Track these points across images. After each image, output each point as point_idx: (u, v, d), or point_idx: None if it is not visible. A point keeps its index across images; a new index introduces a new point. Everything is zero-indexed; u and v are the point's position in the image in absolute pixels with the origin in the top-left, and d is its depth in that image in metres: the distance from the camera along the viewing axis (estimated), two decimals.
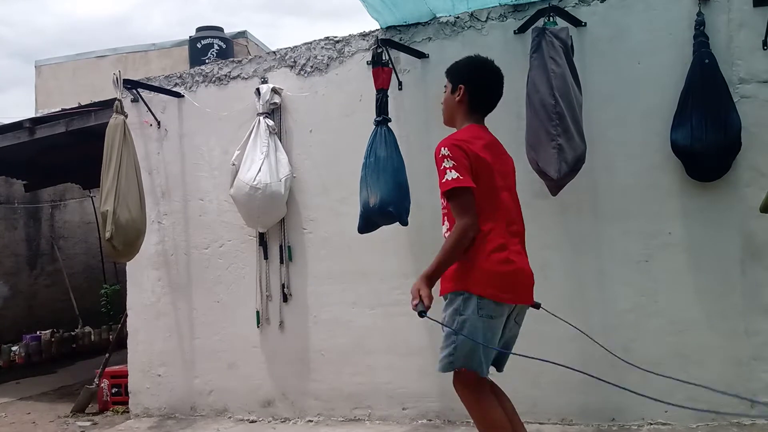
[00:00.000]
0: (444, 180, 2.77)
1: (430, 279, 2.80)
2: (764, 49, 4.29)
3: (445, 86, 3.08)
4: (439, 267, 2.81)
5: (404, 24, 5.10)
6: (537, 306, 3.11)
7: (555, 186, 4.24)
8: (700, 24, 4.30)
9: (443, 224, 3.11)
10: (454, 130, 3.16)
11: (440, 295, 2.90)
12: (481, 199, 2.82)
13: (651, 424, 4.44)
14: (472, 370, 2.93)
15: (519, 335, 3.29)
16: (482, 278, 2.81)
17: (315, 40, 5.46)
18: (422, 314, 2.79)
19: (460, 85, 2.98)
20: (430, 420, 4.94)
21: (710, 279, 4.38)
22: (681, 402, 4.36)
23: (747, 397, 4.21)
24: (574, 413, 4.60)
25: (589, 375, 2.89)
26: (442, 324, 2.92)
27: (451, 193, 2.77)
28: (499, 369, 3.23)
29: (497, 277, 2.84)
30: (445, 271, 2.86)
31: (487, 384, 3.07)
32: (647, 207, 4.48)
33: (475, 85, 2.98)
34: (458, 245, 2.77)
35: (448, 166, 2.76)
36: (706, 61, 4.21)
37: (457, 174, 2.73)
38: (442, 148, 2.82)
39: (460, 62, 3.10)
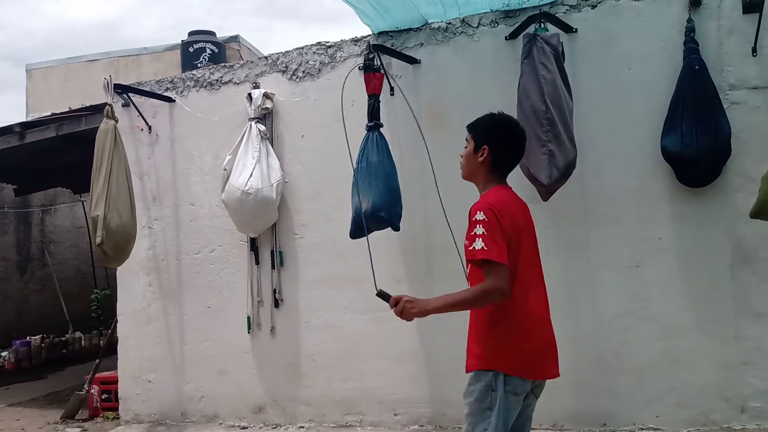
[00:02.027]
0: (472, 247, 2.65)
1: (434, 311, 2.73)
2: (754, 56, 4.32)
3: (466, 139, 2.98)
4: (447, 308, 2.73)
5: (396, 30, 5.11)
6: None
7: (546, 191, 4.24)
8: (690, 30, 4.33)
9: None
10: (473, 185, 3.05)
11: (467, 371, 2.80)
12: (513, 270, 2.71)
13: (642, 429, 4.45)
14: None
15: None
16: (513, 357, 2.72)
17: (307, 46, 5.46)
18: (379, 295, 2.78)
19: (484, 146, 2.89)
20: (422, 426, 4.93)
21: (700, 284, 4.39)
22: (670, 407, 4.40)
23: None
24: (566, 418, 4.60)
25: None
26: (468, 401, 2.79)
27: (478, 263, 2.66)
28: None
29: (527, 355, 2.76)
30: (449, 311, 2.79)
31: None
32: (638, 212, 4.50)
33: (500, 146, 2.90)
34: (478, 301, 2.67)
35: (479, 233, 2.64)
36: (696, 67, 4.24)
37: (484, 244, 2.61)
38: (478, 212, 2.68)
39: (485, 121, 3.00)
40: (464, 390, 2.80)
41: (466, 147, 2.98)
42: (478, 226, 2.66)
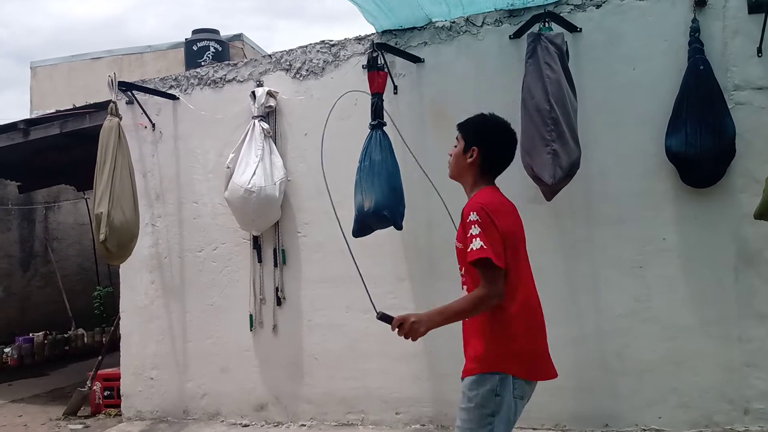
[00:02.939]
0: (470, 248, 2.61)
1: (436, 323, 2.66)
2: (759, 56, 4.30)
3: (456, 138, 2.93)
4: (447, 320, 2.67)
5: (400, 28, 5.10)
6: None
7: (550, 191, 4.23)
8: (695, 30, 4.32)
9: (462, 289, 2.94)
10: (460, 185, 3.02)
11: (464, 376, 2.74)
12: (511, 271, 2.69)
13: (644, 430, 4.44)
14: None
15: None
16: (515, 358, 2.68)
17: (311, 44, 5.46)
18: (380, 318, 2.69)
19: (474, 147, 2.83)
20: (423, 425, 4.93)
21: (704, 285, 4.38)
22: (673, 408, 4.39)
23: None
24: (568, 419, 4.59)
25: None
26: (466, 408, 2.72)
27: (477, 263, 2.62)
28: None
29: (528, 356, 2.73)
30: (449, 323, 2.72)
31: None
32: (641, 213, 4.49)
33: (490, 148, 2.85)
34: (475, 309, 2.64)
35: (475, 234, 2.61)
36: (701, 67, 4.22)
37: (482, 244, 2.58)
38: (472, 213, 2.65)
39: (476, 122, 2.94)
40: (460, 398, 2.72)
41: (455, 146, 2.93)
42: (473, 226, 2.63)
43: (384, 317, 2.68)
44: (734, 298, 4.32)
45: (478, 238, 2.60)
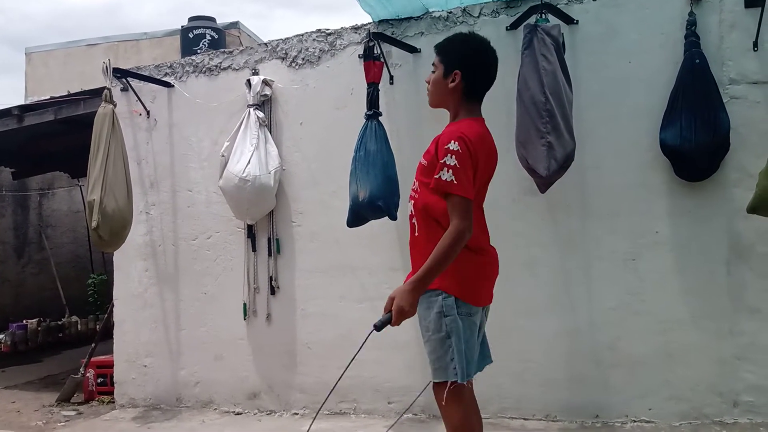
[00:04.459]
0: (439, 176, 2.52)
1: (418, 288, 2.59)
2: (755, 50, 4.30)
3: (433, 64, 2.79)
4: (430, 273, 2.57)
5: (397, 18, 5.08)
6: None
7: (544, 183, 4.24)
8: (691, 24, 4.31)
9: (411, 212, 2.84)
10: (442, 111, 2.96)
11: None
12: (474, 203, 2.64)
13: (635, 421, 4.46)
14: (465, 380, 2.70)
15: (503, 332, 3.27)
16: (461, 279, 2.64)
17: (307, 32, 5.44)
18: (379, 328, 2.64)
19: (456, 71, 2.68)
20: (416, 414, 4.95)
21: (696, 279, 4.40)
22: (663, 400, 4.41)
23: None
24: (559, 410, 4.62)
25: None
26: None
27: (447, 194, 2.54)
28: (489, 362, 3.03)
29: (476, 279, 2.70)
30: (435, 277, 2.61)
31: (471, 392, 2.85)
32: (635, 206, 4.50)
33: (473, 71, 2.70)
34: (454, 249, 2.53)
35: (450, 164, 2.50)
36: (697, 61, 4.22)
37: (453, 177, 2.48)
38: (452, 142, 2.54)
39: (455, 42, 2.79)
40: (419, 326, 2.73)
41: (433, 71, 2.80)
42: (450, 156, 2.53)
43: (381, 325, 2.69)
44: (726, 291, 4.34)
45: (450, 170, 2.51)
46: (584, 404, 4.57)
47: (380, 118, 4.62)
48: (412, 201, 2.79)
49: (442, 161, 2.54)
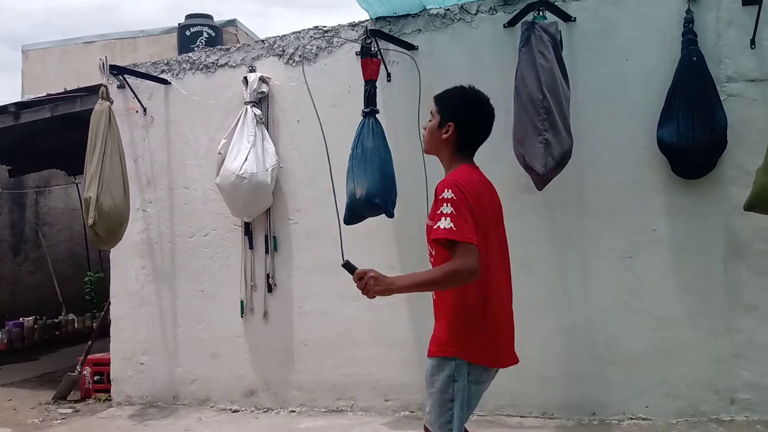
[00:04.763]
0: (436, 226, 2.50)
1: (396, 289, 2.60)
2: (752, 48, 4.31)
3: (431, 112, 2.81)
4: (414, 288, 2.64)
5: (394, 15, 5.08)
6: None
7: (541, 180, 4.24)
8: (689, 22, 4.31)
9: None
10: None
11: (429, 356, 2.71)
12: (481, 255, 2.55)
13: (631, 419, 4.47)
14: None
15: None
16: (478, 346, 2.62)
17: (304, 30, 5.43)
18: (345, 266, 2.65)
19: (450, 123, 2.70)
20: (413, 412, 4.95)
21: (694, 276, 4.40)
22: (660, 397, 4.42)
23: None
24: (556, 407, 4.62)
25: None
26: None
27: (443, 242, 2.52)
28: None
29: (491, 344, 2.66)
30: (413, 291, 2.69)
31: None
32: (632, 203, 4.50)
33: (466, 125, 2.72)
34: (447, 281, 2.51)
35: (446, 212, 2.49)
36: (694, 58, 4.22)
37: (452, 225, 2.46)
38: (446, 191, 2.53)
39: (453, 95, 2.81)
40: (426, 376, 2.71)
41: (430, 120, 2.80)
42: (445, 204, 2.52)
43: (348, 266, 2.65)
44: (723, 289, 4.35)
45: (448, 218, 2.49)
46: (581, 402, 4.57)
47: (377, 115, 4.61)
48: (432, 265, 2.80)
49: (438, 212, 2.54)
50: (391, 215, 4.54)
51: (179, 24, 10.63)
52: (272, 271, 5.44)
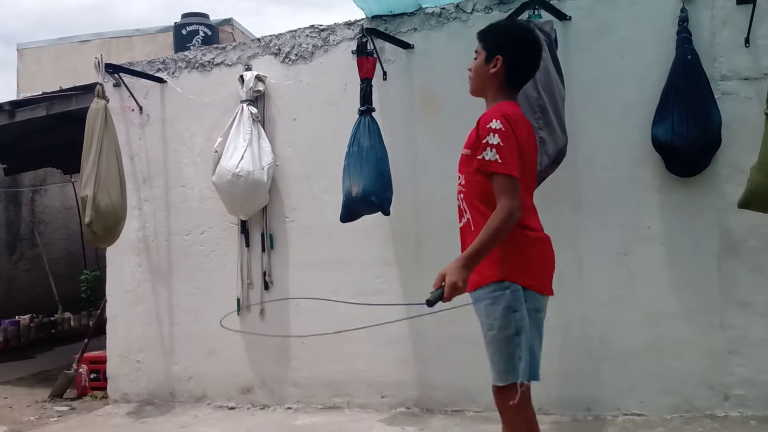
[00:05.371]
0: (482, 156, 2.41)
1: (469, 265, 2.43)
2: (747, 47, 4.33)
3: (476, 50, 2.70)
4: (481, 250, 2.43)
5: (390, 14, 5.08)
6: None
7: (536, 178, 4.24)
8: (683, 20, 4.34)
9: (460, 204, 2.73)
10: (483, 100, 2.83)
11: (472, 289, 2.54)
12: (521, 186, 2.52)
13: (626, 414, 4.49)
14: (531, 379, 2.55)
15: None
16: (527, 268, 2.52)
17: (300, 28, 5.44)
18: (432, 303, 2.42)
19: (498, 56, 2.59)
20: (409, 408, 4.96)
21: (687, 273, 4.42)
22: (654, 393, 4.44)
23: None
24: (550, 403, 4.63)
25: None
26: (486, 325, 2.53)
27: (492, 174, 2.43)
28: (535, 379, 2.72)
29: (539, 266, 2.59)
30: (486, 256, 2.48)
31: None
32: (627, 201, 4.52)
33: (514, 57, 2.60)
34: (505, 228, 2.41)
35: (493, 143, 2.40)
36: (689, 57, 4.25)
37: (498, 156, 2.38)
38: (494, 120, 2.44)
39: (499, 28, 2.71)
40: (481, 323, 2.53)
41: (475, 58, 2.71)
42: (492, 134, 2.43)
43: (434, 300, 2.44)
44: (717, 286, 4.37)
45: (494, 149, 2.41)
46: (576, 397, 4.59)
47: (373, 113, 4.62)
48: (462, 194, 2.68)
49: (484, 141, 2.45)
50: (387, 213, 4.56)
51: (175, 23, 10.66)
52: (269, 269, 5.45)
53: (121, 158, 5.29)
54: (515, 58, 2.63)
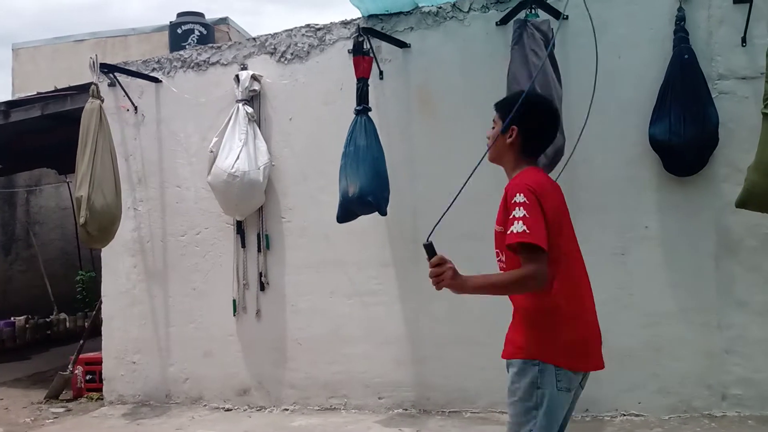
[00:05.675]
0: (510, 231, 2.43)
1: (467, 288, 2.47)
2: (743, 46, 4.33)
3: (493, 120, 2.77)
4: (485, 288, 2.52)
5: (386, 13, 5.07)
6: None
7: None
8: (680, 19, 4.33)
9: None
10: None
11: (504, 358, 2.59)
12: (558, 256, 2.50)
13: (624, 415, 4.48)
14: None
15: (493, 327, 3.22)
16: (560, 347, 2.50)
17: (296, 27, 5.42)
18: (430, 248, 2.43)
19: (513, 127, 2.64)
20: (406, 409, 4.95)
21: (685, 273, 4.42)
22: (652, 393, 4.43)
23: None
24: None
25: None
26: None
27: (517, 247, 2.43)
28: None
29: (575, 345, 2.55)
30: (486, 294, 2.58)
31: None
32: (624, 200, 4.52)
33: (529, 128, 2.65)
34: (517, 287, 2.46)
35: (518, 216, 2.42)
36: (686, 56, 4.24)
37: (525, 227, 2.40)
38: (518, 194, 2.46)
39: (513, 100, 2.72)
40: (507, 386, 2.57)
41: (493, 127, 2.75)
42: (518, 208, 2.43)
43: (430, 248, 2.45)
44: (714, 285, 4.37)
45: (521, 222, 2.41)
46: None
47: (370, 113, 4.61)
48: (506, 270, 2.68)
49: (511, 216, 2.46)
50: (384, 213, 4.54)
51: (170, 22, 10.61)
52: (265, 270, 5.42)
53: (116, 158, 5.26)
54: (531, 128, 2.67)
